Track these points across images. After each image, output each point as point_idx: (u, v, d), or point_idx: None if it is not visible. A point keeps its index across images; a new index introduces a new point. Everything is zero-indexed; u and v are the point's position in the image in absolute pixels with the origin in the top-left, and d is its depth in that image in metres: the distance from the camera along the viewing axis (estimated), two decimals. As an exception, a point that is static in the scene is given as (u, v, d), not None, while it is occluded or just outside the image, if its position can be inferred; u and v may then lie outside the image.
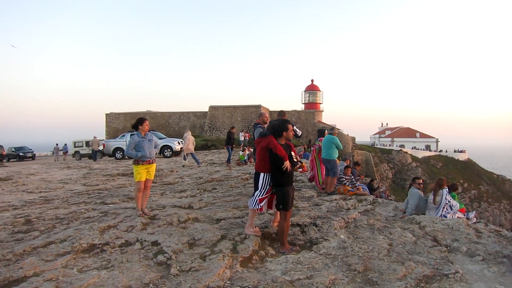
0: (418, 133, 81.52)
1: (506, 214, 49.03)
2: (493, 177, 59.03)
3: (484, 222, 7.25)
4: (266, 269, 4.37)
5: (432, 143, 77.70)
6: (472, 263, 4.79)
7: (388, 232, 5.80)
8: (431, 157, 60.63)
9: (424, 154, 61.80)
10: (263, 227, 5.81)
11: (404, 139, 78.11)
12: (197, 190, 9.68)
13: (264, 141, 5.08)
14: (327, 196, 8.60)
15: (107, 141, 26.59)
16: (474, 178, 55.47)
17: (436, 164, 57.41)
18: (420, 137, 79.95)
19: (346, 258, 4.68)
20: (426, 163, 56.57)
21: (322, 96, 56.66)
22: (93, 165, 18.79)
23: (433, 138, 79.36)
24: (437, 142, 78.13)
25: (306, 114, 50.09)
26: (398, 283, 3.92)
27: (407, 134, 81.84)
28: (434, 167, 55.73)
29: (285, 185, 4.99)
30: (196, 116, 48.78)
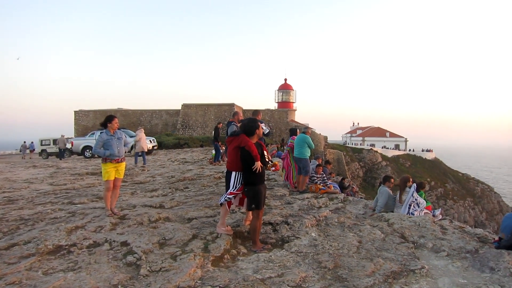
0: (388, 132, 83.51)
1: (470, 211, 50.98)
2: (458, 176, 61.24)
3: (449, 219, 7.52)
4: (237, 268, 4.36)
5: (401, 143, 79.76)
6: (437, 258, 4.95)
7: (358, 229, 5.91)
8: (400, 156, 62.26)
9: (393, 153, 63.36)
10: (235, 226, 5.80)
11: (374, 139, 79.81)
12: (169, 189, 9.56)
13: (236, 140, 5.07)
14: (299, 194, 8.68)
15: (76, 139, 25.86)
16: (440, 176, 57.37)
17: (405, 163, 58.99)
18: (390, 137, 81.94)
19: (317, 255, 4.73)
20: (395, 162, 58.03)
21: (295, 95, 57.16)
22: (61, 164, 18.22)
23: (402, 138, 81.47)
24: (406, 142, 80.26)
25: (279, 113, 50.35)
26: (366, 280, 4.00)
27: (378, 133, 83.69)
28: (403, 166, 57.24)
29: (257, 183, 5.00)
30: (168, 114, 48.14)
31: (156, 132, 43.22)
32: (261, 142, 5.35)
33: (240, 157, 5.02)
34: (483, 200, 55.25)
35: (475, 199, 54.49)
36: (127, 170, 13.53)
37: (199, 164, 16.44)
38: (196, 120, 45.83)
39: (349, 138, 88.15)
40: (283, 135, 43.24)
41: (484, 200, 55.19)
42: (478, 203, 53.87)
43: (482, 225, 45.82)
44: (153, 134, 38.16)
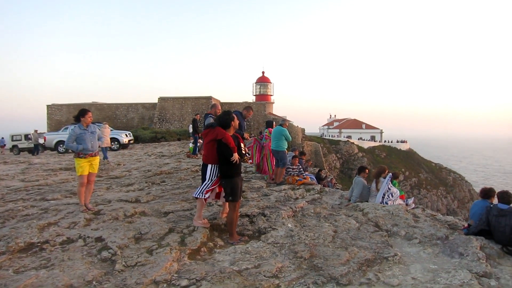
0: (364, 124, 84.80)
1: (443, 200, 52.56)
2: (432, 166, 62.93)
3: (421, 207, 7.72)
4: (214, 260, 4.38)
5: (377, 134, 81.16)
6: (409, 246, 5.10)
7: (334, 219, 6.01)
8: (376, 147, 63.40)
9: (369, 145, 64.45)
10: (212, 219, 5.80)
11: (351, 130, 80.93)
12: (145, 184, 9.45)
13: (212, 133, 5.05)
14: (276, 186, 8.74)
15: (49, 134, 25.16)
16: (414, 166, 58.78)
17: (381, 154, 60.13)
18: (366, 128, 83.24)
19: (293, 246, 4.79)
20: (371, 153, 59.07)
21: (273, 88, 57.21)
22: (33, 159, 17.71)
23: (377, 129, 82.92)
24: (381, 133, 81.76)
25: (257, 106, 50.32)
26: (341, 268, 4.09)
27: (354, 125, 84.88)
28: (378, 157, 58.34)
29: (233, 176, 5.01)
30: (145, 107, 47.36)
31: (133, 126, 42.50)
32: (238, 135, 5.34)
33: (216, 149, 5.01)
34: (455, 189, 57.02)
35: (448, 188, 56.17)
36: (102, 165, 13.29)
37: (176, 158, 16.29)
38: (173, 114, 45.29)
39: (326, 130, 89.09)
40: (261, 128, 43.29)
41: (456, 189, 56.97)
42: (450, 191, 55.57)
43: (454, 213, 47.33)
44: (129, 128, 37.54)
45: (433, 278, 3.92)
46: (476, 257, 4.43)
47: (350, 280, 3.85)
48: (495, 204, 5.47)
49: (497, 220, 5.16)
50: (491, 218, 5.26)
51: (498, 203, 5.37)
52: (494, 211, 5.27)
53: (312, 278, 3.85)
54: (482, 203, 5.95)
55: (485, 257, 4.52)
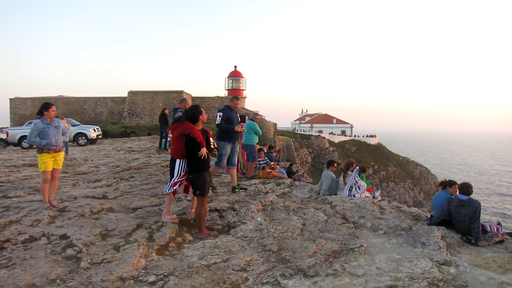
0: (335, 119, 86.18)
1: (410, 192, 54.23)
2: (399, 159, 64.74)
3: (387, 199, 7.95)
4: (183, 255, 4.36)
5: (347, 129, 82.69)
6: (375, 237, 5.24)
7: (302, 212, 6.09)
8: (346, 142, 64.58)
9: (340, 139, 65.56)
10: (180, 214, 5.76)
11: (322, 125, 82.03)
12: (113, 179, 9.25)
13: (181, 127, 5.00)
14: (247, 180, 8.76)
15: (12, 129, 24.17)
16: (383, 160, 60.28)
17: (351, 148, 61.30)
18: (337, 123, 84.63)
19: (262, 239, 4.83)
20: (342, 148, 60.12)
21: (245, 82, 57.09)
22: (-5, 155, 16.98)
23: (348, 124, 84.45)
24: (352, 128, 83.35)
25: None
26: (308, 260, 4.15)
27: (325, 120, 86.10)
28: (349, 151, 59.45)
29: (201, 170, 4.98)
30: (114, 101, 46.26)
31: (101, 121, 41.43)
32: (206, 129, 5.31)
33: (184, 144, 4.96)
34: (421, 181, 58.96)
35: (414, 180, 58.00)
36: (68, 160, 12.91)
37: (146, 153, 16.02)
38: (144, 108, 44.49)
39: (298, 125, 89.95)
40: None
41: (422, 182, 58.91)
42: (417, 184, 57.42)
43: (420, 204, 48.90)
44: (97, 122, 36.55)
45: (397, 267, 4.05)
46: (437, 246, 4.60)
47: (317, 272, 3.92)
48: (456, 195, 5.71)
49: (457, 211, 5.38)
50: (451, 209, 5.49)
51: (459, 194, 5.60)
52: (454, 202, 5.50)
53: (280, 271, 3.89)
54: (443, 194, 6.19)
55: (446, 246, 4.70)
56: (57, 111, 6.34)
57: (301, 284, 3.69)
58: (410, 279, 3.67)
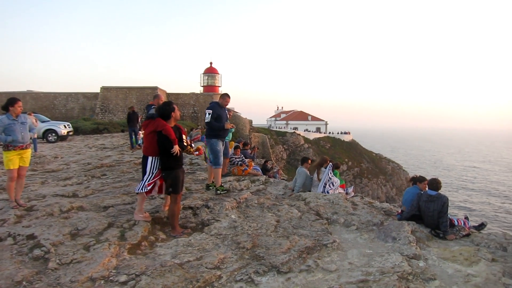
0: (310, 116, 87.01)
1: (383, 188, 55.40)
2: (373, 156, 65.99)
3: (360, 195, 8.09)
4: (155, 254, 4.29)
5: (322, 126, 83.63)
6: (348, 232, 5.32)
7: (277, 209, 6.12)
8: (321, 139, 65.29)
9: (315, 136, 66.23)
10: (153, 212, 5.68)
11: (297, 122, 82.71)
12: (84, 177, 9.02)
13: (153, 124, 4.92)
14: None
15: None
16: (357, 157, 61.31)
17: (325, 145, 62.04)
18: (312, 120, 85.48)
19: (236, 237, 4.82)
20: (316, 144, 60.77)
21: (221, 79, 56.82)
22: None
23: (323, 121, 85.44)
24: (326, 125, 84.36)
25: (204, 97, 49.79)
26: (282, 256, 4.18)
27: (300, 117, 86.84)
28: (323, 148, 60.15)
29: (174, 168, 4.92)
30: (86, 97, 45.10)
31: (72, 117, 40.30)
32: (180, 126, 5.24)
33: (157, 141, 4.88)
34: (393, 177, 60.30)
35: (387, 176, 59.26)
36: (37, 157, 12.52)
37: (119, 150, 15.73)
38: (117, 104, 43.58)
39: (273, 122, 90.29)
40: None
41: (394, 177, 60.26)
42: (389, 180, 58.69)
43: (392, 200, 50.07)
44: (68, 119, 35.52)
45: (368, 262, 4.12)
46: (408, 241, 4.71)
47: (291, 268, 3.95)
48: (425, 190, 5.86)
49: (427, 206, 5.53)
50: (421, 204, 5.64)
51: (428, 190, 5.75)
52: (424, 197, 5.64)
53: (253, 268, 3.89)
54: (413, 190, 6.34)
55: (416, 240, 4.82)
56: (26, 107, 6.13)
57: (275, 280, 3.70)
58: (381, 273, 3.74)
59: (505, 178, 67.81)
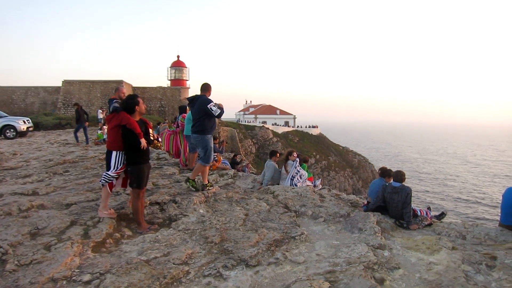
0: (278, 110, 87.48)
1: (349, 180, 56.64)
2: (340, 149, 67.27)
3: (328, 188, 8.21)
4: (121, 251, 4.18)
5: (290, 120, 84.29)
6: (315, 224, 5.39)
7: (245, 203, 6.11)
8: (290, 132, 65.88)
9: (283, 130, 66.72)
10: (119, 209, 5.52)
11: (266, 116, 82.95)
12: (46, 174, 8.65)
13: (117, 118, 4.77)
14: (189, 172, 8.60)
15: None
16: (324, 150, 62.32)
17: (294, 139, 62.65)
18: (280, 114, 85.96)
19: (204, 231, 4.78)
20: (285, 138, 61.26)
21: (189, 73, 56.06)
22: None
23: (291, 115, 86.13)
24: (295, 119, 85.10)
25: (171, 91, 49.03)
26: (251, 250, 4.17)
27: (269, 111, 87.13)
28: (292, 142, 60.71)
29: (139, 162, 4.81)
30: (47, 91, 43.32)
31: (33, 112, 38.65)
32: (146, 120, 5.11)
33: (121, 135, 4.75)
34: (360, 170, 61.75)
35: (353, 169, 60.61)
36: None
37: (83, 145, 15.22)
38: (80, 98, 42.08)
39: (242, 116, 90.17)
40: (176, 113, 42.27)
41: (360, 170, 61.72)
42: (356, 172, 60.07)
43: (359, 192, 51.31)
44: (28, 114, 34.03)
45: (335, 253, 4.19)
46: (373, 231, 4.83)
47: (259, 261, 3.95)
48: (390, 182, 6.02)
49: (391, 197, 5.68)
50: (386, 195, 5.78)
51: (392, 182, 5.91)
52: (388, 189, 5.79)
53: (222, 262, 3.87)
54: (379, 181, 6.50)
55: (381, 230, 4.95)
56: None
57: (243, 274, 3.69)
58: (348, 263, 3.81)
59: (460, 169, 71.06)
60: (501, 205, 5.43)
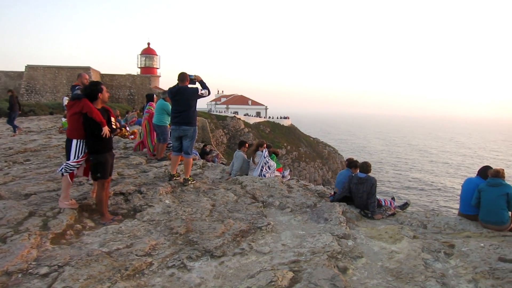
0: (250, 100, 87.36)
1: (319, 171, 57.53)
2: (310, 140, 68.11)
3: (296, 178, 8.27)
4: (82, 243, 4.05)
5: (262, 110, 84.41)
6: (282, 214, 5.41)
7: (213, 193, 6.06)
8: (261, 123, 66.00)
9: (255, 120, 66.75)
10: (81, 199, 5.35)
11: (238, 106, 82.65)
12: (5, 163, 8.27)
13: (78, 105, 4.59)
14: (157, 162, 8.45)
15: None
16: (295, 141, 62.89)
17: (265, 130, 62.84)
18: (252, 105, 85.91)
19: (169, 222, 4.70)
20: (256, 129, 61.34)
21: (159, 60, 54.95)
22: None
23: (263, 106, 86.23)
24: (266, 109, 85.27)
25: (141, 79, 47.99)
26: (216, 240, 4.14)
27: (241, 101, 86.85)
28: (263, 132, 60.89)
29: (102, 151, 4.66)
30: (8, 76, 41.43)
31: (-8, 98, 36.95)
32: (108, 107, 4.94)
33: (83, 123, 4.57)
34: (329, 161, 62.82)
35: (323, 160, 61.58)
36: None
37: (46, 134, 14.67)
38: (45, 85, 40.55)
39: (214, 106, 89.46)
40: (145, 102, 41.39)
41: (330, 161, 62.80)
42: (326, 163, 61.07)
43: (328, 182, 52.21)
44: (-13, 100, 32.49)
45: (300, 243, 4.22)
46: (338, 221, 4.90)
47: (224, 252, 3.93)
48: (356, 173, 6.12)
49: (357, 187, 5.78)
50: (352, 186, 5.88)
51: (359, 172, 6.01)
52: (354, 180, 5.89)
53: (186, 253, 3.82)
54: (346, 172, 6.60)
55: (346, 220, 5.03)
56: None
57: (208, 265, 3.66)
58: (312, 253, 3.84)
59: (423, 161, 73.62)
60: (460, 195, 5.64)
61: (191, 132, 6.53)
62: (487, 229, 4.98)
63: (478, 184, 5.21)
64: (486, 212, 5.01)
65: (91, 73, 40.06)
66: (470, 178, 5.64)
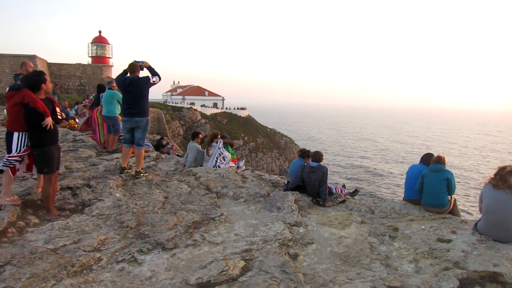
0: (207, 91, 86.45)
1: (276, 161, 58.26)
2: (267, 131, 68.69)
3: (251, 169, 8.32)
4: (25, 241, 3.86)
5: (219, 101, 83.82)
6: (236, 205, 5.45)
7: (166, 185, 5.98)
8: (218, 114, 65.63)
9: (212, 111, 66.24)
10: (25, 194, 5.08)
11: (194, 97, 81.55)
12: None
13: (18, 96, 4.33)
14: (108, 155, 8.19)
15: None
16: (253, 132, 63.19)
17: (222, 121, 62.60)
18: (209, 96, 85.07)
19: (120, 216, 4.59)
20: (213, 120, 60.95)
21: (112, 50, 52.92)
22: None
23: (219, 97, 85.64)
24: (223, 100, 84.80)
25: (92, 69, 46.10)
26: (168, 233, 4.10)
27: (197, 92, 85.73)
28: (220, 123, 60.62)
29: (46, 144, 4.43)
30: None
31: None
32: (52, 98, 4.71)
33: (24, 115, 4.33)
34: (286, 151, 63.73)
35: (280, 150, 62.39)
36: None
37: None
38: (-15, 74, 37.92)
39: (169, 97, 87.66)
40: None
41: (287, 151, 63.73)
42: (283, 154, 61.91)
43: (285, 172, 52.98)
44: None
45: (253, 232, 4.27)
46: (290, 210, 5.00)
47: (176, 244, 3.90)
48: (308, 162, 6.26)
49: (309, 176, 5.91)
50: (304, 175, 6.01)
51: (311, 162, 6.15)
52: (307, 169, 6.02)
53: (137, 247, 3.75)
54: (298, 162, 6.73)
55: (298, 208, 5.14)
56: None
57: (159, 257, 3.63)
58: (264, 242, 3.91)
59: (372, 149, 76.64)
60: (405, 181, 5.93)
61: (143, 123, 6.40)
62: (429, 212, 5.28)
63: (422, 170, 5.50)
64: (428, 196, 5.31)
65: (37, 62, 37.95)
66: (414, 165, 5.94)
